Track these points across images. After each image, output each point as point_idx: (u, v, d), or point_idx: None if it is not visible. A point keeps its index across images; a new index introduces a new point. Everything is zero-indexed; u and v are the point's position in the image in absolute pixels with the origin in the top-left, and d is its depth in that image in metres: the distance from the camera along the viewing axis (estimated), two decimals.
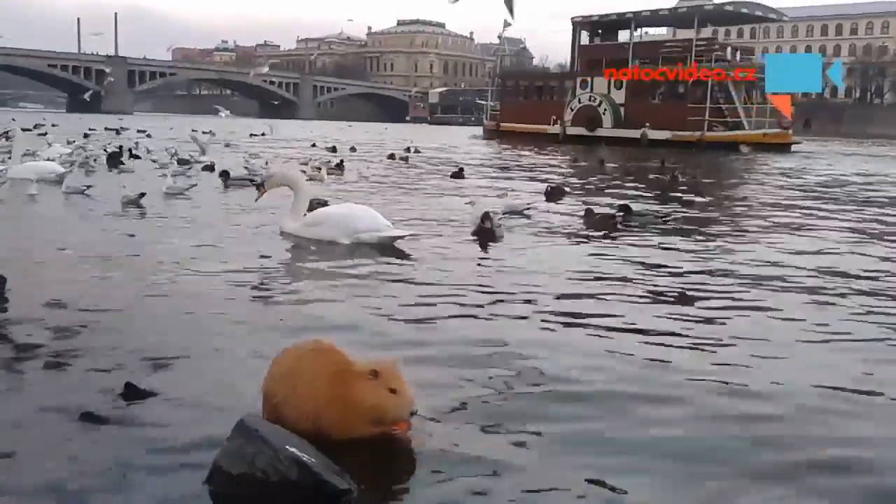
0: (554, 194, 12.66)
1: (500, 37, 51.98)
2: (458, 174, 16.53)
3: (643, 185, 16.27)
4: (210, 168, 14.99)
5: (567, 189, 13.59)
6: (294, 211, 7.85)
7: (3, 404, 3.17)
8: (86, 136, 25.52)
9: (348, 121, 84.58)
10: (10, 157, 13.05)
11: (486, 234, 8.09)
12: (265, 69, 75.40)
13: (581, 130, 43.84)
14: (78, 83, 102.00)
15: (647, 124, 40.52)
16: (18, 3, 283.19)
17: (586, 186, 15.94)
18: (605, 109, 44.77)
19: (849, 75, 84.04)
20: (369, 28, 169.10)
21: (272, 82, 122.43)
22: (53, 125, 33.73)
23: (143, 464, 2.71)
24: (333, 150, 24.86)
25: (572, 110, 45.94)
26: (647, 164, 23.85)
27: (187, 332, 4.32)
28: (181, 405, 3.21)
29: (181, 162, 15.99)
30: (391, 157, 21.99)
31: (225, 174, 13.04)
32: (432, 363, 3.89)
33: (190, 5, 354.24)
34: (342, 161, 17.92)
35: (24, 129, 18.96)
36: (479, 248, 7.65)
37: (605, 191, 14.89)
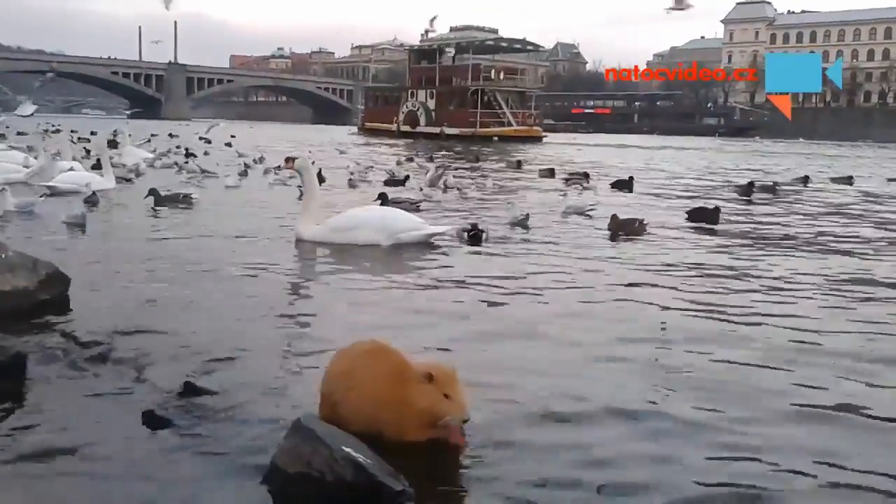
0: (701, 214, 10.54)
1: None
2: (626, 184, 15.04)
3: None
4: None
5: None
6: (307, 215, 7.62)
7: (69, 403, 3.25)
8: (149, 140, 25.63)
9: None
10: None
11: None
12: None
13: (408, 128, 59.27)
14: (139, 90, 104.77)
15: (446, 123, 56.64)
16: (82, 11, 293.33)
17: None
18: (422, 113, 61.12)
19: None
20: (422, 34, 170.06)
21: (327, 89, 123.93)
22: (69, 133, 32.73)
23: (202, 461, 2.75)
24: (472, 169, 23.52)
25: (402, 114, 61.98)
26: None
27: (244, 332, 4.38)
28: (239, 404, 3.24)
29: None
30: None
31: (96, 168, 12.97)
32: (480, 362, 3.88)
33: (247, 13, 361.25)
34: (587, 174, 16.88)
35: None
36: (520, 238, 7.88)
37: None
